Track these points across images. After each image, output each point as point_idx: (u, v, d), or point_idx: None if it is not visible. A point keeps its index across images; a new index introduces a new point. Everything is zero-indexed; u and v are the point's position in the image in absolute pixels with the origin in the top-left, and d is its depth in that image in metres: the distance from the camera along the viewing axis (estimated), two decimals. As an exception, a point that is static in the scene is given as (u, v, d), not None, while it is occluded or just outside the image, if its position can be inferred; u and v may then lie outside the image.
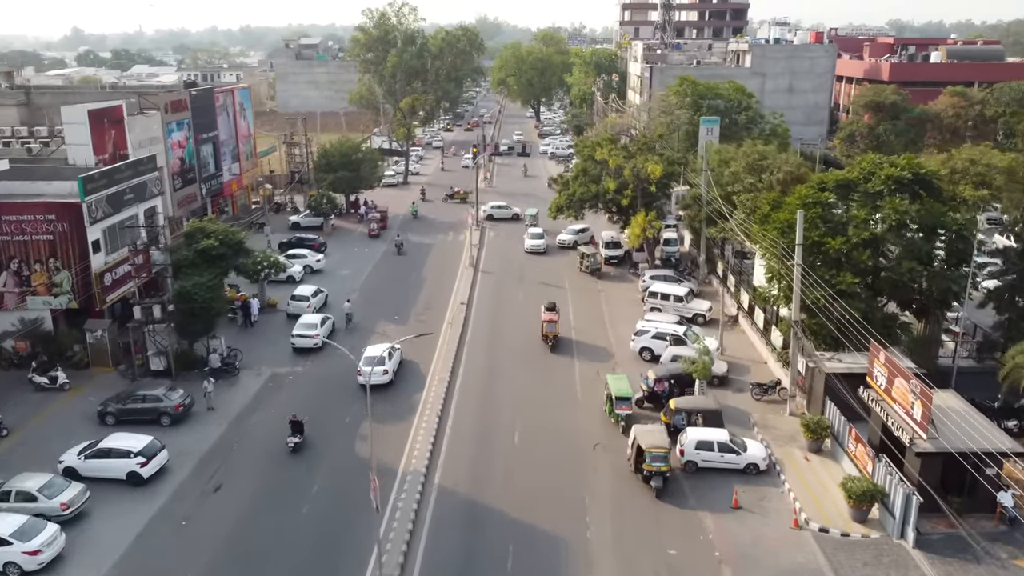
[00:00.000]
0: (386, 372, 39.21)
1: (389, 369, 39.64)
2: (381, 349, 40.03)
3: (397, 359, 41.47)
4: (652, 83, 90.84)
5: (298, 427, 33.94)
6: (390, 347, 40.44)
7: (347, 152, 74.42)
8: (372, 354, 39.53)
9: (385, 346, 40.72)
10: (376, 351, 39.83)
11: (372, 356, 39.24)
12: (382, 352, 39.39)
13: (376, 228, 68.91)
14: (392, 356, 40.53)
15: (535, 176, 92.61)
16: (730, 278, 51.24)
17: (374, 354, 39.37)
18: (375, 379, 37.55)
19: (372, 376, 36.57)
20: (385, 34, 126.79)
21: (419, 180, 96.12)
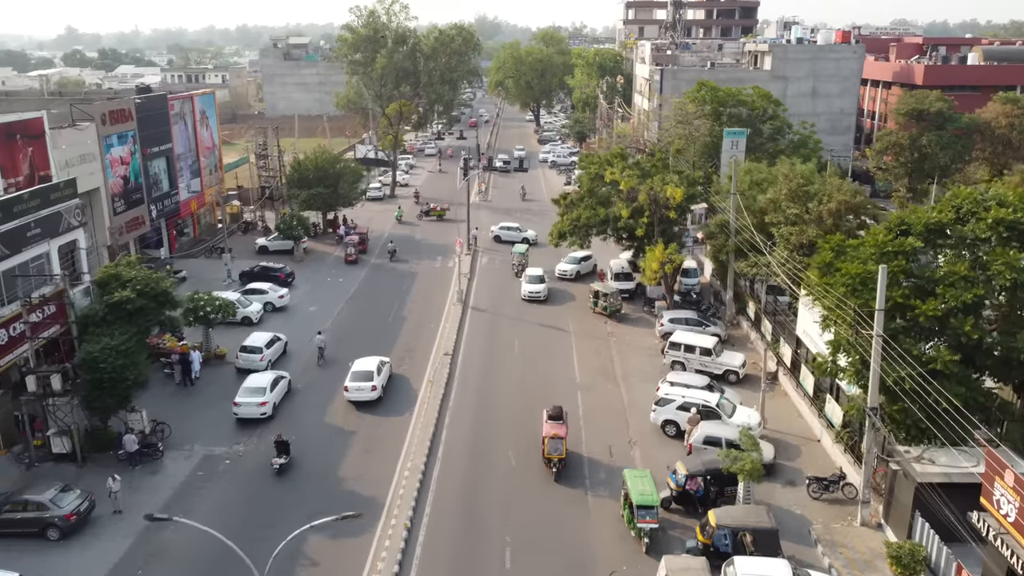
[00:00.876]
0: (374, 388, 37.34)
1: (378, 385, 37.61)
2: (370, 363, 38.52)
3: (387, 373, 39.33)
4: (663, 87, 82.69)
5: (283, 447, 31.97)
6: (380, 361, 38.96)
7: (323, 166, 66.31)
8: (361, 368, 38.06)
9: (375, 360, 38.93)
10: (364, 365, 38.32)
11: (360, 371, 37.90)
12: (371, 367, 38.08)
13: (354, 253, 60.67)
14: (381, 371, 38.59)
15: (534, 199, 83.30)
16: (764, 322, 43.09)
17: (363, 368, 38.03)
18: (362, 395, 37.23)
19: (359, 393, 37.13)
20: (375, 33, 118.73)
21: (408, 193, 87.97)
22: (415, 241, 67.72)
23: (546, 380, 40.23)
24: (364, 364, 38.53)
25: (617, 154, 51.88)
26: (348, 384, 37.42)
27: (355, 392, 37.27)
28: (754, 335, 44.80)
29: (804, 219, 37.89)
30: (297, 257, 60.93)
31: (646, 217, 46.25)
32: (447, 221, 73.29)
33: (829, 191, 38.05)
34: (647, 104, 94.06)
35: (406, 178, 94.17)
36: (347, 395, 37.35)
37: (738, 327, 47.14)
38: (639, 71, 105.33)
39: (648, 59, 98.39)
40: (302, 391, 39.14)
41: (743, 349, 43.81)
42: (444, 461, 32.95)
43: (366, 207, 79.28)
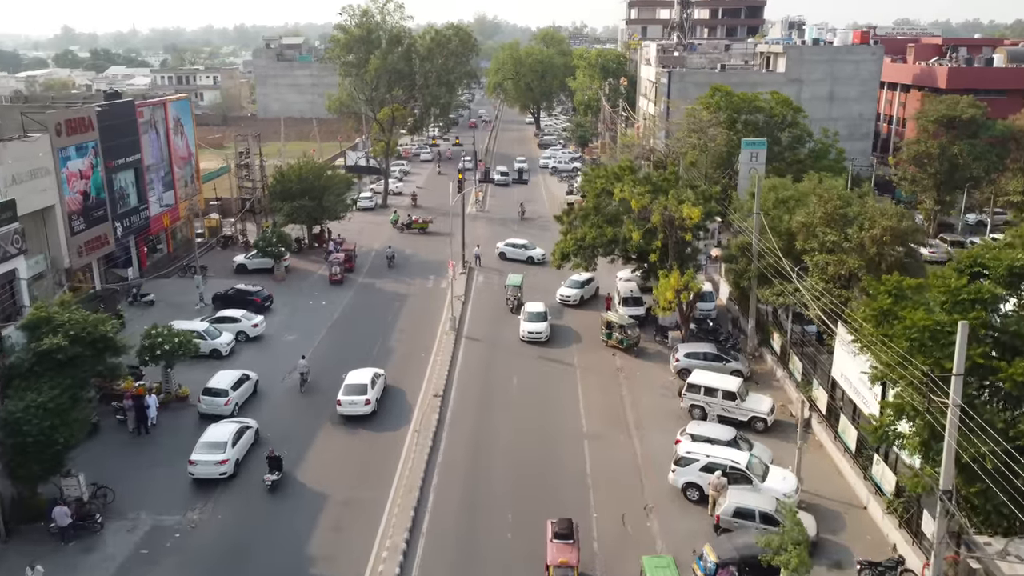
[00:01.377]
0: (368, 403, 36.18)
1: (372, 399, 36.45)
2: (364, 375, 37.43)
3: (381, 386, 38.13)
4: (670, 90, 78.01)
5: (276, 463, 30.86)
6: (374, 373, 37.96)
7: (308, 176, 61.63)
8: (354, 381, 36.90)
9: (369, 372, 37.87)
10: (358, 378, 37.18)
11: (353, 384, 36.73)
12: (365, 379, 36.97)
13: (339, 272, 55.92)
14: (376, 384, 37.44)
15: (535, 216, 75.92)
16: (792, 358, 38.42)
17: (356, 381, 36.87)
18: (356, 410, 36.06)
19: (352, 407, 36.03)
20: (368, 33, 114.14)
21: (402, 202, 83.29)
22: (406, 257, 62.98)
23: (549, 430, 35.49)
24: (357, 377, 37.38)
25: (626, 167, 47.16)
26: (341, 398, 36.23)
27: (348, 406, 36.10)
28: (780, 372, 40.11)
29: (843, 247, 33.21)
30: (278, 276, 56.23)
31: (659, 241, 41.50)
32: (437, 234, 68.43)
33: (871, 215, 33.37)
34: (653, 108, 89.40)
35: (399, 186, 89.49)
36: (340, 409, 36.12)
37: (761, 361, 42.46)
38: (644, 73, 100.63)
39: (654, 61, 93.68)
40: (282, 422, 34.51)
41: (768, 388, 39.15)
42: (427, 551, 28.26)
43: (356, 218, 74.64)
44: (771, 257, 38.37)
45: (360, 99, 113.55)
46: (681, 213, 40.09)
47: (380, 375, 38.52)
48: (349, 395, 36.22)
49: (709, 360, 39.85)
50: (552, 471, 32.13)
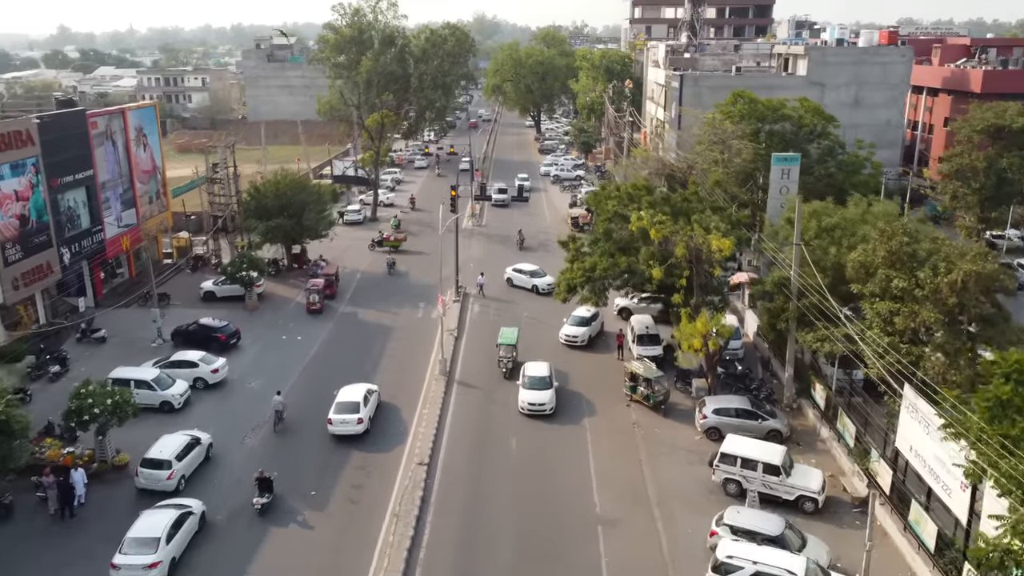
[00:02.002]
0: (360, 421, 34.53)
1: (364, 417, 34.77)
2: (356, 392, 35.82)
3: (374, 403, 36.43)
4: (682, 95, 72.10)
5: (266, 485, 29.43)
6: (367, 389, 36.37)
7: (285, 191, 55.76)
8: (346, 398, 35.38)
9: (361, 388, 36.29)
10: (350, 395, 35.62)
11: (345, 402, 35.17)
12: (357, 396, 35.39)
13: (317, 301, 49.98)
14: (368, 401, 35.72)
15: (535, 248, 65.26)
16: (842, 418, 32.55)
17: (349, 398, 35.33)
18: (347, 429, 34.44)
19: (344, 426, 34.43)
20: (359, 33, 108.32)
21: (390, 214, 77.39)
22: (393, 280, 57.12)
23: (555, 512, 29.47)
24: (350, 394, 35.82)
25: (641, 187, 41.21)
26: (332, 416, 34.61)
27: (339, 425, 34.48)
28: (825, 431, 34.21)
29: (914, 295, 27.30)
30: (249, 306, 50.33)
31: (684, 279, 35.53)
32: (423, 254, 62.43)
33: (947, 255, 27.46)
34: (662, 113, 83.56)
35: (391, 197, 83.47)
36: (331, 428, 34.51)
37: (800, 414, 36.58)
38: (652, 75, 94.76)
39: (663, 62, 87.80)
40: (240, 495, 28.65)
41: (812, 451, 33.29)
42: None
43: (343, 234, 68.83)
44: (814, 295, 32.58)
45: (351, 103, 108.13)
46: (709, 245, 34.15)
47: (374, 391, 36.89)
48: (341, 413, 34.59)
49: (742, 417, 33.98)
50: (559, 571, 26.23)
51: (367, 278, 57.94)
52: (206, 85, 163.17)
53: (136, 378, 36.35)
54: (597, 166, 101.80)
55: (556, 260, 54.06)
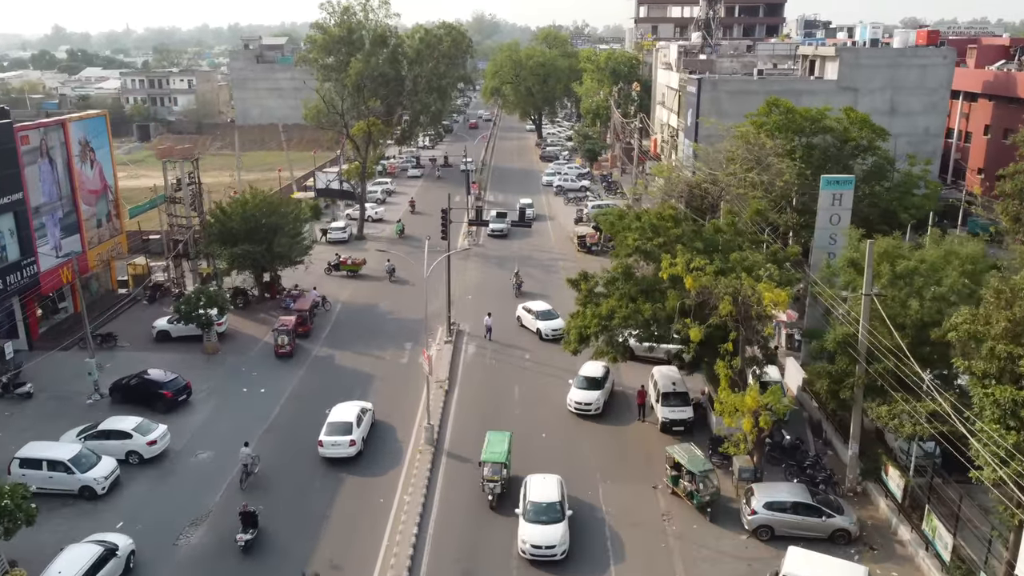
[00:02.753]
0: (353, 443, 32.44)
1: (357, 439, 32.67)
2: (349, 412, 33.79)
3: (368, 423, 34.44)
4: (700, 101, 65.26)
5: (250, 519, 26.97)
6: (360, 409, 34.44)
7: (254, 213, 48.94)
8: (338, 418, 33.30)
9: (354, 408, 34.25)
10: (342, 415, 33.59)
11: (337, 422, 33.07)
12: (350, 417, 33.32)
13: (287, 343, 43.07)
14: (362, 421, 33.78)
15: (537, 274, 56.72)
16: (931, 519, 25.70)
17: (341, 418, 33.24)
18: (339, 451, 32.31)
19: (336, 448, 32.29)
20: (349, 33, 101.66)
21: (379, 234, 70.56)
22: (377, 315, 50.22)
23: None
24: (342, 413, 33.80)
25: (667, 217, 34.36)
26: (323, 438, 32.61)
27: (331, 447, 32.55)
28: (905, 531, 27.32)
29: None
30: (208, 348, 43.49)
31: (730, 343, 28.55)
32: (408, 283, 55.62)
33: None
34: (675, 120, 76.79)
35: (380, 211, 76.44)
36: (321, 451, 32.54)
37: (866, 500, 29.75)
38: (662, 78, 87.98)
39: (675, 64, 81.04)
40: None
41: (888, 558, 26.45)
42: None
43: (325, 255, 62.13)
44: (889, 360, 25.86)
45: (337, 109, 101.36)
46: (760, 298, 27.26)
47: (367, 410, 35.07)
48: (332, 435, 32.64)
49: (801, 514, 27.14)
50: None
51: (349, 309, 51.11)
52: (192, 87, 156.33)
53: (50, 458, 29.54)
54: (603, 175, 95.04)
55: (561, 290, 47.35)
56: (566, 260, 62.03)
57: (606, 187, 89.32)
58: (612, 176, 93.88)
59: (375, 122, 68.84)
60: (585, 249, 63.38)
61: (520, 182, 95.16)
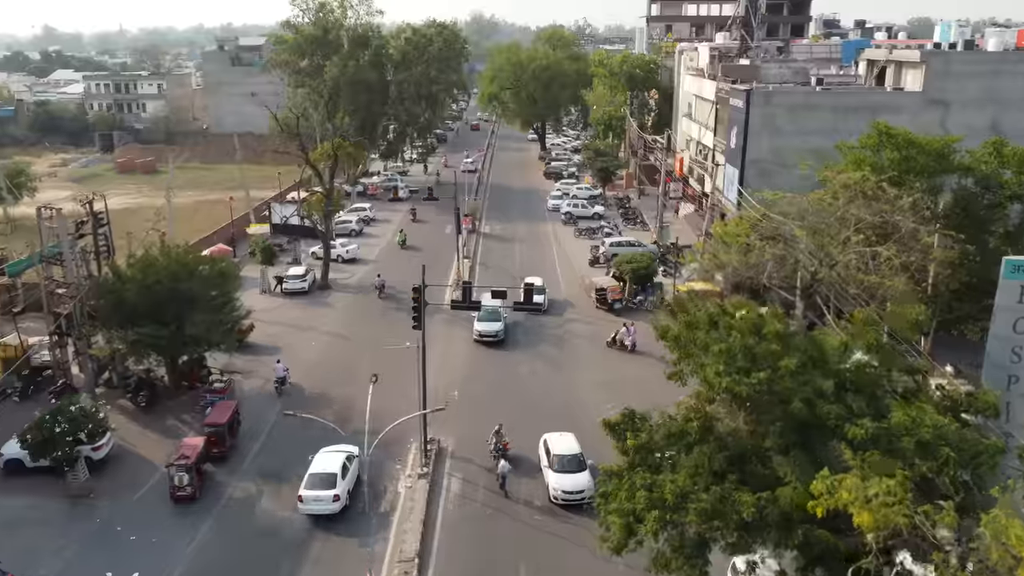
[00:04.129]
0: (337, 498, 28.18)
1: (342, 492, 28.33)
2: (334, 461, 29.56)
3: (354, 473, 29.57)
4: (751, 118, 51.94)
5: None
6: (347, 455, 29.92)
7: (161, 280, 35.55)
8: (321, 469, 29.10)
9: (339, 456, 29.79)
10: (327, 464, 29.42)
11: (319, 473, 28.94)
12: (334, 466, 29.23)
13: (187, 484, 29.51)
14: (348, 470, 29.36)
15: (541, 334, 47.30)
16: None
17: (324, 469, 29.06)
18: (321, 507, 28.44)
19: (317, 504, 28.48)
20: (324, 33, 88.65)
21: (349, 279, 57.19)
22: (342, 402, 36.63)
23: None
24: (325, 462, 29.59)
25: (774, 333, 20.88)
26: (303, 492, 28.36)
27: (312, 503, 28.39)
28: None
29: None
30: (73, 489, 30.08)
31: None
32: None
33: None
34: (710, 138, 63.43)
35: (352, 249, 62.61)
36: (301, 507, 28.37)
37: None
38: (690, 86, 74.58)
39: (707, 69, 67.77)
40: None
41: None
42: None
43: (280, 310, 49.07)
44: None
45: (311, 120, 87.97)
46: (1007, 541, 13.84)
47: (354, 457, 30.36)
48: (313, 489, 28.51)
49: None
50: None
51: (307, 386, 38.06)
52: (163, 92, 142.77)
53: None
54: (619, 198, 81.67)
55: (582, 369, 34.15)
56: (582, 321, 48.78)
57: (623, 213, 75.93)
58: (629, 200, 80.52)
59: (343, 144, 54.86)
60: (606, 306, 50.02)
61: (522, 206, 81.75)
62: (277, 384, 38.41)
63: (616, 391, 36.24)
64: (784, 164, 51.66)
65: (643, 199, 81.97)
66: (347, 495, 28.99)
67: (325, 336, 46.32)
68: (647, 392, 29.42)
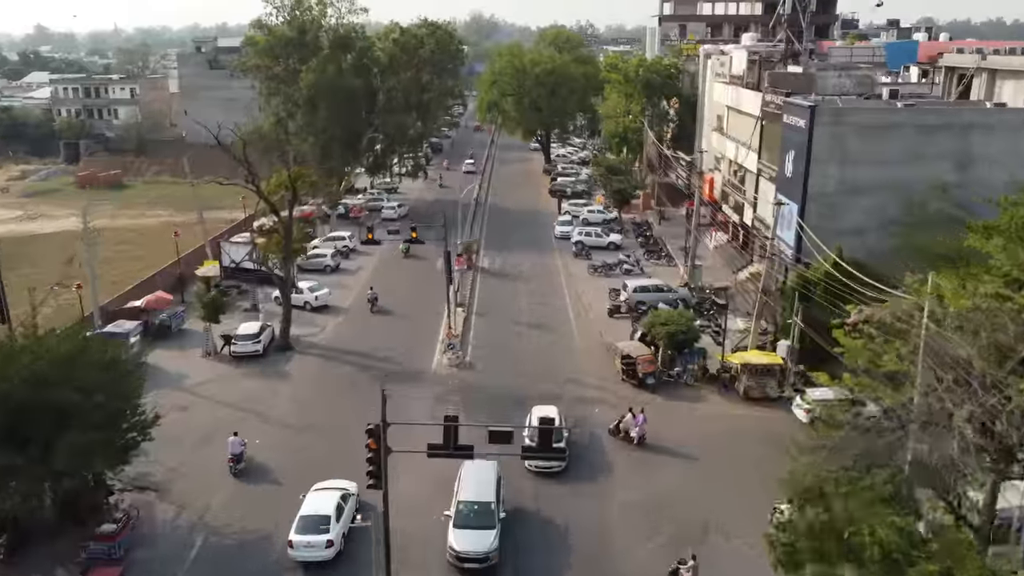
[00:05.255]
0: (330, 544, 25.78)
1: (335, 537, 25.98)
2: (327, 501, 27.07)
3: (349, 513, 27.00)
4: (815, 140, 41.44)
5: None
6: (342, 494, 27.49)
7: (20, 380, 25.01)
8: (313, 511, 26.58)
9: (333, 496, 27.32)
10: (319, 504, 26.88)
11: (311, 515, 26.43)
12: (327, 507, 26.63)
13: None
14: (343, 512, 26.83)
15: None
16: None
17: (316, 511, 26.53)
18: (312, 554, 25.88)
19: (308, 551, 25.90)
20: (300, 34, 78.26)
21: (322, 329, 46.64)
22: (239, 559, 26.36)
23: None
24: (317, 502, 27.05)
25: None
26: (293, 537, 25.98)
27: (302, 549, 25.89)
28: None
29: None
30: None
31: None
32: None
33: None
34: (752, 160, 52.95)
35: (323, 295, 51.73)
36: (291, 553, 25.97)
37: None
38: (721, 96, 64.09)
39: (744, 76, 57.45)
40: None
41: None
42: None
43: (223, 382, 38.81)
44: None
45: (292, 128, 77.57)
46: None
47: (349, 496, 27.61)
48: (304, 533, 25.86)
49: None
50: None
51: (254, 477, 27.87)
52: (136, 97, 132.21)
53: None
54: (636, 223, 71.24)
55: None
56: (605, 400, 38.20)
57: (643, 243, 65.41)
58: (649, 227, 70.05)
59: (304, 171, 43.84)
60: (635, 381, 39.45)
61: (525, 231, 71.22)
62: (231, 462, 31.16)
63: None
64: (856, 197, 41.48)
65: (664, 224, 71.54)
66: (342, 539, 26.33)
67: (272, 428, 35.69)
68: None
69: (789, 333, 38.13)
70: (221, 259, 48.70)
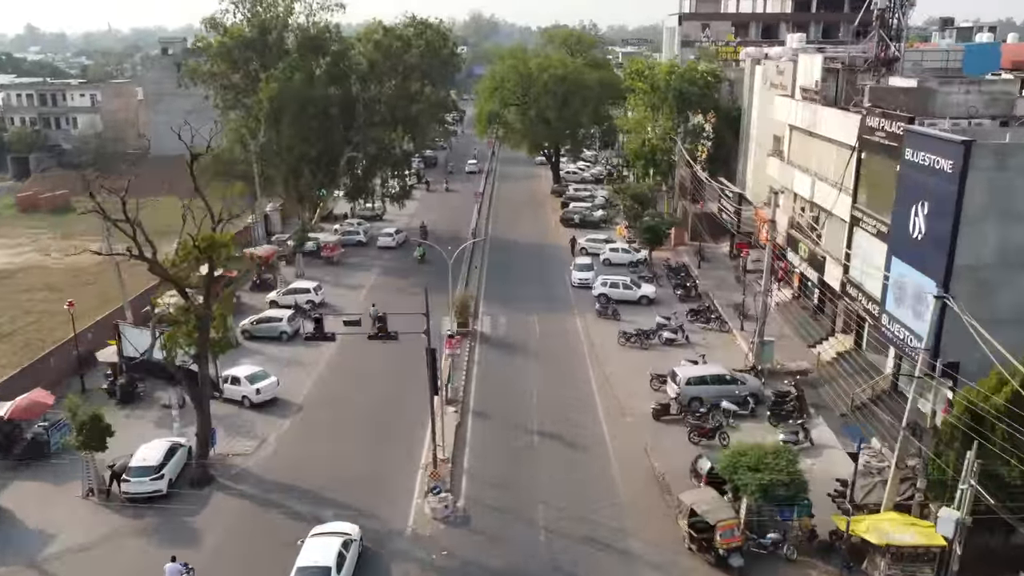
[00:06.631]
0: None
1: None
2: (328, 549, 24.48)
3: (352, 562, 24.69)
4: (969, 188, 28.16)
5: None
6: (344, 540, 24.96)
7: None
8: (311, 561, 24.15)
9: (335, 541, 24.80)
10: (318, 553, 24.37)
11: (311, 566, 23.98)
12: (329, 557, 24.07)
13: None
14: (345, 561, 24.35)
15: None
16: None
17: (315, 561, 24.11)
18: None
19: None
20: (262, 34, 65.14)
21: (260, 445, 33.38)
22: None
23: None
24: (316, 551, 24.50)
25: None
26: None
27: None
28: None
29: None
30: None
31: None
32: None
33: None
34: (841, 203, 39.61)
35: (268, 385, 38.34)
36: None
37: None
38: (781, 112, 50.63)
39: (820, 87, 44.37)
40: None
41: None
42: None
43: (99, 551, 25.63)
44: None
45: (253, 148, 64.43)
46: None
47: (351, 542, 25.26)
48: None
49: None
50: None
51: None
52: (96, 105, 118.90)
53: None
54: (671, 267, 58.00)
55: None
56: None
57: (681, 296, 52.17)
58: (688, 273, 56.77)
59: (221, 240, 30.15)
60: (711, 557, 26.16)
61: (534, 275, 58.09)
62: None
63: None
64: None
65: (704, 266, 58.34)
66: None
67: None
68: None
69: (949, 493, 24.86)
70: (121, 345, 35.19)
